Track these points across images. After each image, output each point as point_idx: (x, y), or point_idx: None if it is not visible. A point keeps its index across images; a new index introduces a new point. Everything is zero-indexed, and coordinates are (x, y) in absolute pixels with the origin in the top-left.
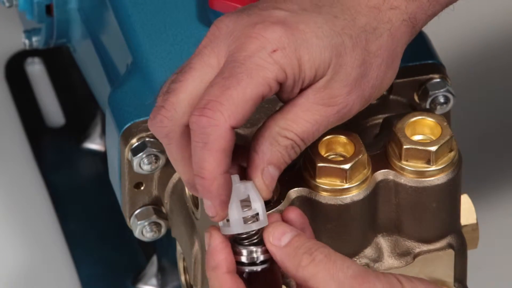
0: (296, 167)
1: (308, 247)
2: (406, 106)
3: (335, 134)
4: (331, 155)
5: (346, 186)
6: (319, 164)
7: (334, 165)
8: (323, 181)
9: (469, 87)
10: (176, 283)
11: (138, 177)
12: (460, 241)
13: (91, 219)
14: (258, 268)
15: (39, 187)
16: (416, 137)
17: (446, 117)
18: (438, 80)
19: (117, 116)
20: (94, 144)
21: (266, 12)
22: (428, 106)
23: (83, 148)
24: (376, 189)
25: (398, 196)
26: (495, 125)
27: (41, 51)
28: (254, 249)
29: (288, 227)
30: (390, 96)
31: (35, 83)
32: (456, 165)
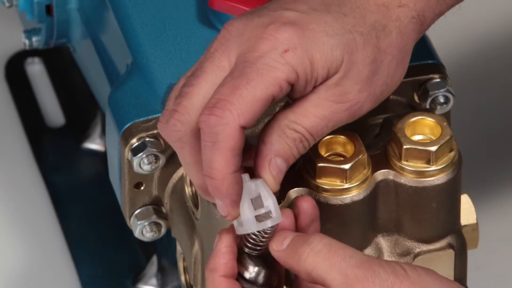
0: (296, 167)
1: (307, 239)
2: (406, 106)
3: (335, 134)
4: (331, 155)
5: (346, 186)
6: (319, 164)
7: (334, 165)
8: (323, 181)
9: (469, 87)
10: (176, 283)
11: (138, 177)
12: (460, 241)
13: (91, 219)
14: None
15: (39, 187)
16: (416, 137)
17: (446, 117)
18: (438, 80)
19: (117, 116)
20: (94, 144)
21: (277, 13)
22: (428, 106)
23: (83, 148)
24: (376, 189)
25: (398, 196)
26: (495, 125)
27: (41, 51)
28: (258, 270)
29: (289, 232)
30: (390, 96)
31: (35, 83)
32: (456, 165)
